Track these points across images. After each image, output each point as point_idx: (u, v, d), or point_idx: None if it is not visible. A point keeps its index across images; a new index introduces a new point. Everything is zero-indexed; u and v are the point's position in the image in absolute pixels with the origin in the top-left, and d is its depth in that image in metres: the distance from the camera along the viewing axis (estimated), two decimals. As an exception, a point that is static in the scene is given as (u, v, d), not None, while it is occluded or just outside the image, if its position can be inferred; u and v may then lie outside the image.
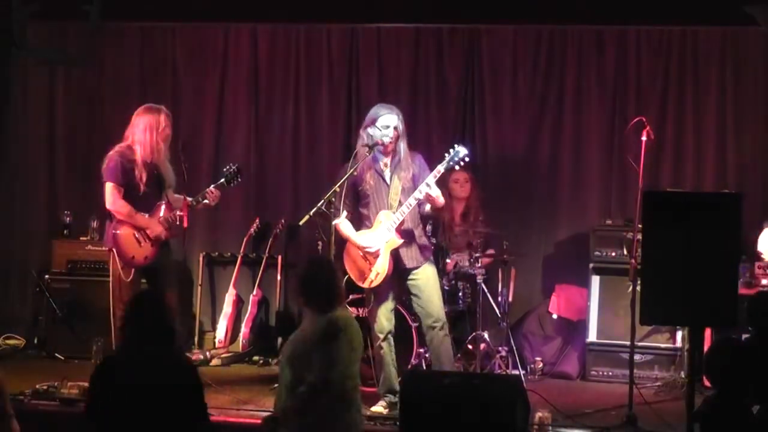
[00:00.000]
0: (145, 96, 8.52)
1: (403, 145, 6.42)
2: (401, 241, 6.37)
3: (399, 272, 6.47)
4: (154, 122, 6.69)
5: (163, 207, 6.76)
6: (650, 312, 5.12)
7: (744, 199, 5.63)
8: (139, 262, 6.72)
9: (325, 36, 8.64)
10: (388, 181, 6.43)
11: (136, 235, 6.70)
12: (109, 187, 6.67)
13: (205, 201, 6.85)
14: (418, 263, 6.45)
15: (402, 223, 6.36)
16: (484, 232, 7.56)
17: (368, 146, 6.39)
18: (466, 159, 6.32)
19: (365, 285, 6.45)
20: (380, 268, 6.37)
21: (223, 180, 6.96)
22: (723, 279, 4.97)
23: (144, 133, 6.67)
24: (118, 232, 6.70)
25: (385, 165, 6.43)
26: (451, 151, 6.31)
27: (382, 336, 6.42)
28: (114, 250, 6.71)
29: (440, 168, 6.29)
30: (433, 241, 7.54)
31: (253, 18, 8.62)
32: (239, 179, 7.06)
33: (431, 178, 6.25)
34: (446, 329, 6.49)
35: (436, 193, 6.27)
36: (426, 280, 6.46)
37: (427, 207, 6.47)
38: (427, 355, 6.87)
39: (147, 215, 6.70)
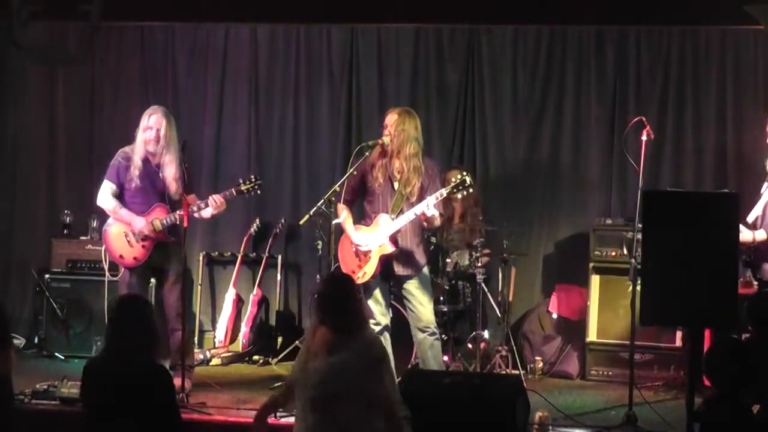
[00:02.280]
0: (145, 96, 8.55)
1: (409, 149, 6.37)
2: (393, 249, 6.37)
3: (390, 278, 6.50)
4: (142, 122, 6.76)
5: (158, 210, 6.73)
6: (650, 312, 5.11)
7: (743, 199, 5.63)
8: (128, 263, 6.70)
9: (325, 36, 8.63)
10: (395, 186, 6.42)
11: (127, 235, 6.69)
12: (103, 185, 6.77)
13: (207, 209, 6.69)
14: (409, 273, 6.45)
15: (398, 231, 6.36)
16: (483, 231, 7.55)
17: (368, 145, 6.40)
18: (471, 190, 6.35)
19: None
20: (368, 270, 6.41)
21: (231, 189, 6.80)
22: (723, 279, 4.96)
23: (136, 134, 6.74)
24: (107, 229, 6.75)
25: (398, 171, 6.41)
26: (459, 176, 6.33)
27: (378, 329, 6.42)
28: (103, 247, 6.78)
29: (443, 191, 6.30)
30: (433, 240, 7.54)
31: (253, 18, 8.61)
32: (258, 190, 6.85)
33: (432, 199, 6.26)
34: (437, 335, 6.51)
35: (432, 214, 6.27)
36: (417, 286, 6.46)
37: (424, 222, 6.46)
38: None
39: (135, 214, 6.70)
